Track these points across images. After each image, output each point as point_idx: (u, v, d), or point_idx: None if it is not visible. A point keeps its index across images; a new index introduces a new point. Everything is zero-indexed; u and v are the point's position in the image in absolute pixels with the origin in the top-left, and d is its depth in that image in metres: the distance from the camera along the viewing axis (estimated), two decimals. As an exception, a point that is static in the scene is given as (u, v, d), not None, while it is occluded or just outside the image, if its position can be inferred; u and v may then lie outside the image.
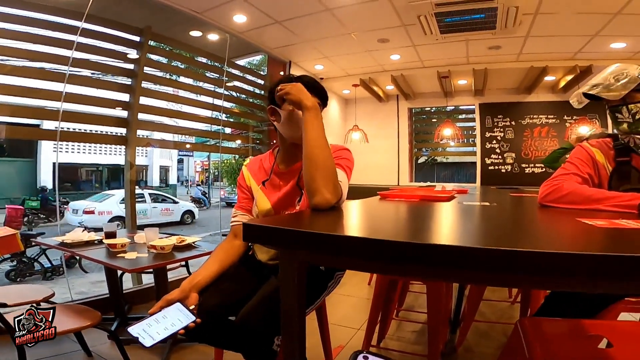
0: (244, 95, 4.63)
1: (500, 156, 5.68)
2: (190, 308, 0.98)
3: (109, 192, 9.72)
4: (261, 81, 4.64)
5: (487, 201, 1.52)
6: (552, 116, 5.41)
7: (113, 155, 13.51)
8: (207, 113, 4.05)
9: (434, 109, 6.87)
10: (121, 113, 3.12)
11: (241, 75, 4.48)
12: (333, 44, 4.02)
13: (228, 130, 5.25)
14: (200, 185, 18.47)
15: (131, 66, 3.10)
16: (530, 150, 5.54)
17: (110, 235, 2.07)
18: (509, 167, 5.63)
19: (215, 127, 4.19)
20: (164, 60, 3.79)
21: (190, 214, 10.63)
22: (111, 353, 1.84)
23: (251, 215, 1.27)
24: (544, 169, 5.42)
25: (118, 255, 1.78)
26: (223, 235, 4.66)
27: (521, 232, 0.83)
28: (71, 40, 2.60)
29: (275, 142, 1.31)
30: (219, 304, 1.08)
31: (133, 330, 0.85)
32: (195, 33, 3.79)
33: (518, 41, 3.77)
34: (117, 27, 3.01)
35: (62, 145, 11.86)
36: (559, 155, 2.87)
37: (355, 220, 0.96)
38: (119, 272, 2.20)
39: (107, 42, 2.95)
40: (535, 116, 5.51)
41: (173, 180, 17.47)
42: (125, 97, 3.06)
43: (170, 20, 3.45)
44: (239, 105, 4.67)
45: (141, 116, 3.15)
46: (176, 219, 10.28)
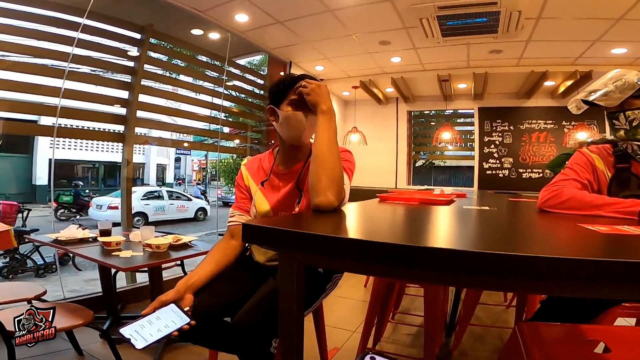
0: (243, 95, 4.62)
1: (498, 161, 5.69)
2: (185, 310, 0.96)
3: (134, 188, 10.18)
4: (261, 81, 4.63)
5: (487, 205, 1.51)
6: (551, 121, 5.43)
7: (109, 153, 13.45)
8: (206, 112, 4.03)
9: (433, 112, 6.87)
10: (120, 110, 3.10)
11: (241, 74, 4.47)
12: (334, 45, 4.02)
13: (227, 129, 5.24)
14: (200, 185, 18.41)
15: (131, 64, 3.08)
16: (528, 155, 5.55)
17: (105, 233, 2.04)
18: (507, 172, 5.64)
19: (214, 126, 4.17)
20: (165, 58, 3.76)
21: (203, 211, 10.95)
22: (103, 352, 1.81)
23: (249, 215, 1.26)
24: (541, 174, 5.43)
25: (112, 254, 1.76)
26: (219, 235, 4.63)
27: (524, 237, 0.82)
28: (72, 37, 2.59)
29: (275, 142, 1.30)
30: (215, 305, 1.06)
31: (125, 331, 0.83)
32: (196, 31, 3.78)
33: (519, 45, 3.78)
34: (118, 24, 3.00)
35: (59, 141, 11.82)
36: (564, 160, 2.87)
37: (355, 222, 0.95)
38: (113, 271, 2.17)
39: (108, 39, 2.93)
40: (533, 121, 5.52)
41: (170, 179, 17.40)
42: (124, 95, 3.04)
43: (172, 18, 3.44)
44: (238, 105, 4.66)
45: (140, 114, 3.13)
46: (190, 215, 10.64)
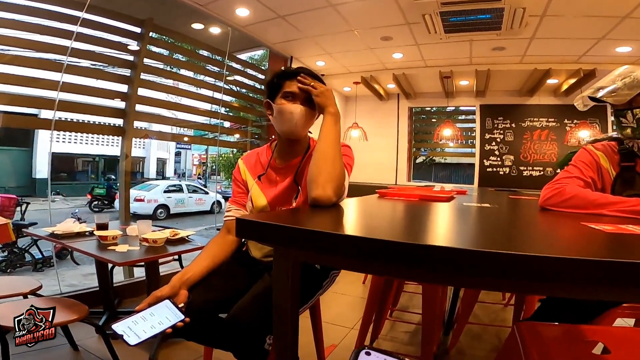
0: (244, 90, 4.60)
1: (499, 158, 5.66)
2: (179, 306, 0.94)
3: (154, 182, 11.02)
4: (262, 76, 4.60)
5: (487, 203, 1.49)
6: (553, 119, 5.39)
7: (110, 147, 13.44)
8: (207, 106, 4.01)
9: (435, 109, 6.84)
10: (119, 104, 3.08)
11: (242, 69, 4.44)
12: (335, 41, 3.98)
13: (227, 124, 5.21)
14: (200, 179, 18.42)
15: (131, 58, 3.05)
16: (529, 153, 5.52)
17: (102, 227, 2.03)
18: (507, 170, 5.62)
19: (214, 121, 4.15)
20: (165, 52, 3.74)
21: (218, 204, 11.16)
22: (98, 347, 1.80)
23: (246, 210, 1.24)
24: (542, 172, 5.41)
25: (109, 248, 1.74)
26: (217, 229, 4.62)
27: (525, 236, 0.80)
28: (71, 31, 2.56)
29: (274, 137, 1.29)
30: (210, 301, 1.05)
31: (118, 327, 0.81)
32: (197, 26, 3.74)
33: (523, 43, 3.74)
34: (118, 18, 2.97)
35: (59, 135, 11.81)
36: None
37: (353, 218, 0.93)
38: (110, 265, 2.16)
39: (108, 33, 2.91)
40: (535, 119, 5.48)
41: (170, 172, 17.39)
42: (123, 88, 3.02)
43: (172, 12, 3.40)
44: (238, 100, 4.63)
45: (139, 107, 3.11)
46: (207, 208, 11.02)
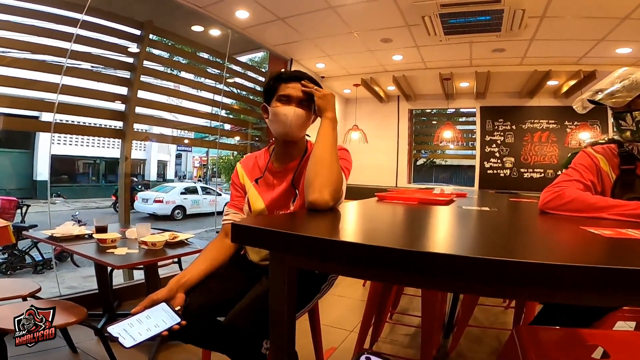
0: (244, 92, 4.60)
1: (499, 160, 5.65)
2: (176, 309, 0.94)
3: (171, 185, 11.57)
4: (262, 78, 4.60)
5: (487, 206, 1.48)
6: (553, 121, 5.39)
7: (111, 149, 13.47)
8: (207, 109, 4.01)
9: (435, 110, 6.83)
10: (119, 106, 3.08)
11: (242, 71, 4.44)
12: (335, 43, 3.98)
13: (227, 126, 5.22)
14: (201, 181, 18.46)
15: (130, 60, 3.06)
16: (529, 155, 5.51)
17: (101, 229, 2.02)
18: (508, 172, 5.60)
19: (214, 123, 4.15)
20: (165, 54, 3.74)
21: None
22: (97, 350, 1.80)
23: (244, 213, 1.24)
24: (542, 175, 5.40)
25: (108, 251, 1.74)
26: (217, 232, 4.61)
27: (525, 241, 0.79)
28: (71, 33, 2.57)
29: (272, 140, 1.28)
30: (207, 304, 1.04)
31: (113, 329, 0.81)
32: (196, 28, 3.75)
33: (523, 44, 3.74)
34: (118, 20, 2.97)
35: (60, 137, 11.83)
36: None
37: (351, 223, 0.92)
38: (109, 268, 2.15)
39: (108, 35, 2.91)
40: (536, 121, 5.48)
41: (171, 175, 17.40)
42: (123, 91, 3.02)
43: (172, 14, 3.41)
44: (239, 102, 4.62)
45: (139, 110, 3.11)
46: (220, 209, 11.24)
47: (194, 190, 11.01)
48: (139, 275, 2.87)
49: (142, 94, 3.10)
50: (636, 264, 0.46)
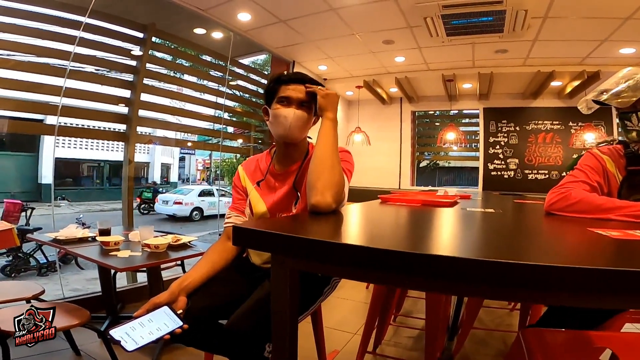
0: (247, 95, 4.61)
1: (503, 162, 5.62)
2: (178, 312, 0.93)
3: (190, 187, 12.05)
4: (264, 81, 4.61)
5: (491, 208, 1.47)
6: (557, 122, 5.35)
7: (115, 152, 13.54)
8: (210, 111, 4.02)
9: (438, 112, 6.81)
10: (122, 109, 3.09)
11: (244, 74, 4.45)
12: (337, 45, 3.98)
13: (230, 129, 5.23)
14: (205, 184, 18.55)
15: (133, 63, 3.07)
16: (534, 156, 5.48)
17: (104, 232, 2.02)
18: (512, 173, 5.57)
19: (217, 126, 4.16)
20: (168, 57, 3.77)
21: None
22: (100, 352, 1.80)
23: (245, 216, 1.23)
24: (547, 176, 5.36)
25: (111, 254, 1.74)
26: (220, 235, 4.61)
27: (531, 243, 0.78)
28: (74, 36, 2.58)
29: (274, 143, 1.28)
30: (209, 307, 1.04)
31: (115, 333, 0.81)
32: (199, 31, 3.76)
33: (525, 45, 3.72)
34: (121, 23, 2.99)
35: (65, 140, 11.90)
36: None
37: (353, 226, 0.92)
38: (112, 271, 2.16)
39: (110, 38, 2.93)
40: (540, 122, 5.44)
41: (174, 178, 17.45)
42: (126, 94, 3.03)
43: (174, 17, 3.42)
44: (241, 105, 4.63)
45: (143, 113, 3.12)
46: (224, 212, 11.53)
47: (210, 193, 11.43)
48: (143, 278, 2.87)
49: (145, 97, 3.11)
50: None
